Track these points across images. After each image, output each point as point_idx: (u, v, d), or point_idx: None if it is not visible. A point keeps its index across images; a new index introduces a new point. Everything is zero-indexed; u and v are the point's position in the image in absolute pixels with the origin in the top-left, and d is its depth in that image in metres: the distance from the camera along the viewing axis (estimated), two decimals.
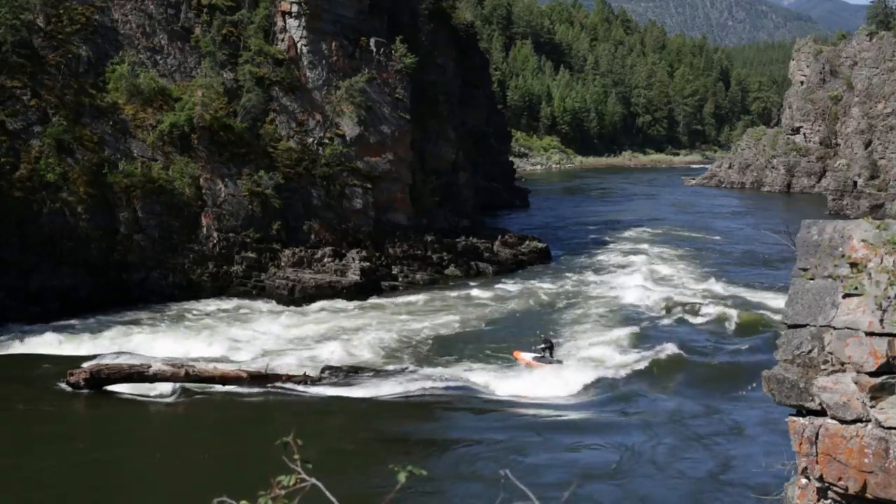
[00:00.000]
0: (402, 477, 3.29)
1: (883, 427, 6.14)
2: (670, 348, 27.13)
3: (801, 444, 6.61)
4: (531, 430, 20.58)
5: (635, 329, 30.12)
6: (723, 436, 20.16)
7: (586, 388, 23.82)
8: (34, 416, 20.96)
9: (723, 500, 16.59)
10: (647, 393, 23.79)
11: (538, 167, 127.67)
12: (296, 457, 3.34)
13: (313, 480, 3.29)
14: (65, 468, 17.59)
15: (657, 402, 23.08)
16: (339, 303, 33.85)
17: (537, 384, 23.74)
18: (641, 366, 25.60)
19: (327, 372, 24.05)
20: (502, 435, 20.21)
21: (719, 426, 20.92)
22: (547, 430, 20.66)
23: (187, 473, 17.88)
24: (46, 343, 26.69)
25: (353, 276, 35.35)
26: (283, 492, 3.25)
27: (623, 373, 25.10)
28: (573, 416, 21.84)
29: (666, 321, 31.92)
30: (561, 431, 20.67)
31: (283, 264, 34.99)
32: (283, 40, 37.50)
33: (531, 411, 21.98)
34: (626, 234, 55.33)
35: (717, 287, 37.68)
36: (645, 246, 50.05)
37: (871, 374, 6.23)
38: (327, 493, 3.32)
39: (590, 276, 40.53)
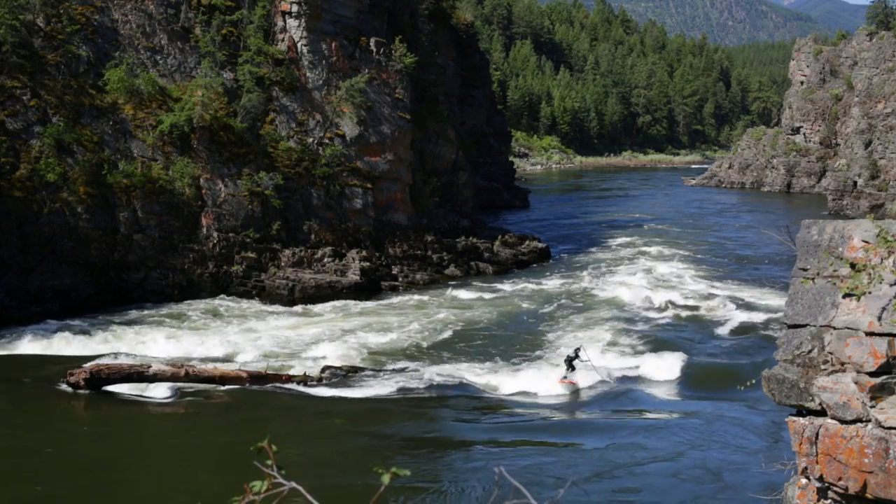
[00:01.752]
0: (385, 479, 3.31)
1: (883, 427, 6.14)
2: (669, 348, 27.14)
3: (801, 444, 6.61)
4: (530, 430, 20.58)
5: (635, 329, 30.13)
6: (722, 435, 20.15)
7: (585, 387, 23.83)
8: (34, 416, 20.96)
9: (722, 499, 16.59)
10: (645, 392, 23.79)
11: (538, 167, 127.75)
12: (269, 462, 3.35)
13: (293, 484, 3.30)
14: (64, 468, 17.59)
15: (656, 402, 23.08)
16: (339, 303, 33.86)
17: (537, 385, 23.75)
18: (640, 365, 25.60)
19: (327, 372, 24.06)
20: (501, 435, 20.21)
21: (719, 426, 20.91)
22: (546, 430, 20.66)
23: (187, 473, 17.88)
24: (46, 343, 26.69)
25: (353, 276, 35.35)
26: (256, 497, 3.26)
27: (622, 372, 25.11)
28: (571, 416, 21.84)
29: (665, 321, 31.91)
30: (560, 431, 20.68)
31: (283, 264, 34.99)
32: (283, 40, 37.50)
33: (530, 411, 21.98)
34: (626, 233, 55.35)
35: (717, 287, 37.68)
36: (645, 246, 50.09)
37: (871, 374, 6.23)
38: (308, 497, 3.32)
39: (590, 276, 40.53)
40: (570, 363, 23.70)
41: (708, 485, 17.36)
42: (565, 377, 23.54)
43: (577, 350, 24.20)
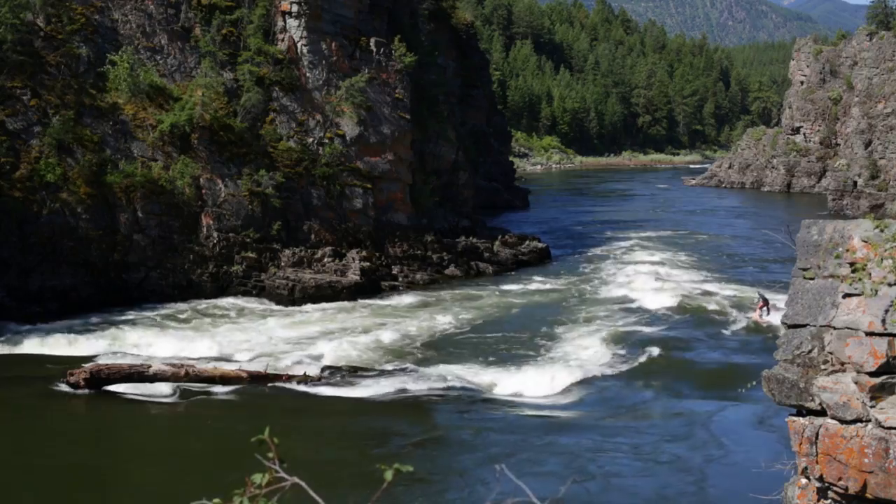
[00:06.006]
0: (388, 475, 3.30)
1: (883, 427, 6.14)
2: (669, 348, 27.13)
3: (801, 444, 6.61)
4: (529, 430, 20.58)
5: (634, 329, 30.12)
6: (722, 435, 20.15)
7: (585, 387, 23.83)
8: (34, 416, 20.95)
9: (722, 499, 16.59)
10: (645, 392, 23.78)
11: (538, 167, 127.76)
12: (270, 455, 3.35)
13: (295, 479, 3.30)
14: (65, 468, 17.59)
15: (656, 402, 23.07)
16: (339, 303, 33.85)
17: (537, 384, 23.76)
18: (640, 365, 25.61)
19: (327, 372, 24.07)
20: (501, 435, 20.22)
21: (718, 426, 20.92)
22: (545, 430, 20.66)
23: (187, 473, 17.88)
24: (46, 343, 26.67)
25: (353, 276, 35.35)
26: (259, 491, 3.26)
27: (621, 372, 25.10)
28: (571, 415, 21.84)
29: (665, 321, 31.90)
30: (559, 431, 20.67)
31: (283, 264, 34.98)
32: (282, 40, 37.50)
33: (529, 411, 21.97)
34: (626, 233, 55.35)
35: (717, 287, 37.67)
36: (644, 245, 50.09)
37: (871, 374, 6.23)
38: (310, 492, 3.32)
39: (589, 276, 40.54)
40: (765, 301, 26.04)
41: (708, 484, 17.37)
42: (761, 315, 25.54)
43: (766, 299, 27.20)
